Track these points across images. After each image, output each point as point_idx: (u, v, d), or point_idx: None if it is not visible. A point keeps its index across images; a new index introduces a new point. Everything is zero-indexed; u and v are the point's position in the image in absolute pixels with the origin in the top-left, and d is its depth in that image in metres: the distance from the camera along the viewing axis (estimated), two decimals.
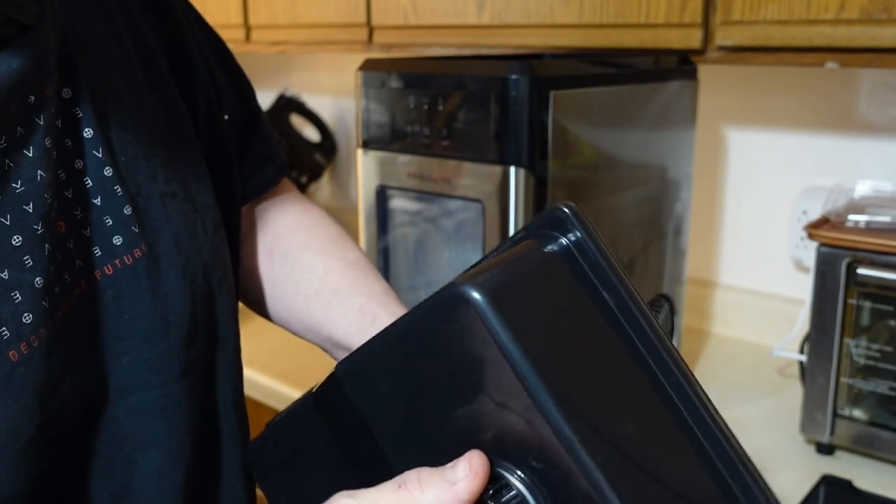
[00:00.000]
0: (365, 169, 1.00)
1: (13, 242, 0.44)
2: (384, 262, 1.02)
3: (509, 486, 0.36)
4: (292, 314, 0.69)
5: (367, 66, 0.99)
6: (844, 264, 0.94)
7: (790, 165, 1.30)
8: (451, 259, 0.96)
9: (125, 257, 0.50)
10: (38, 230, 0.45)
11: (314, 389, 0.46)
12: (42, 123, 0.46)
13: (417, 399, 0.38)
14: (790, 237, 1.28)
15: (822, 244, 0.96)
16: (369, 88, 0.98)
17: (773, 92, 1.29)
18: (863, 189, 1.10)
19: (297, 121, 1.89)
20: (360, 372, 0.41)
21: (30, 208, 0.45)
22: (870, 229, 0.95)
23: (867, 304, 0.96)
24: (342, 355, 0.65)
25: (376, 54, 1.34)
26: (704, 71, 1.12)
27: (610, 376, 0.37)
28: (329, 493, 0.39)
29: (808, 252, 1.21)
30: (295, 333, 0.70)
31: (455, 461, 0.37)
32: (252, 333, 1.56)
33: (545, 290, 0.37)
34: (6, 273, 0.44)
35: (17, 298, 0.44)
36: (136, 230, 0.51)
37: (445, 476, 0.37)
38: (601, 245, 0.38)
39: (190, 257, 0.55)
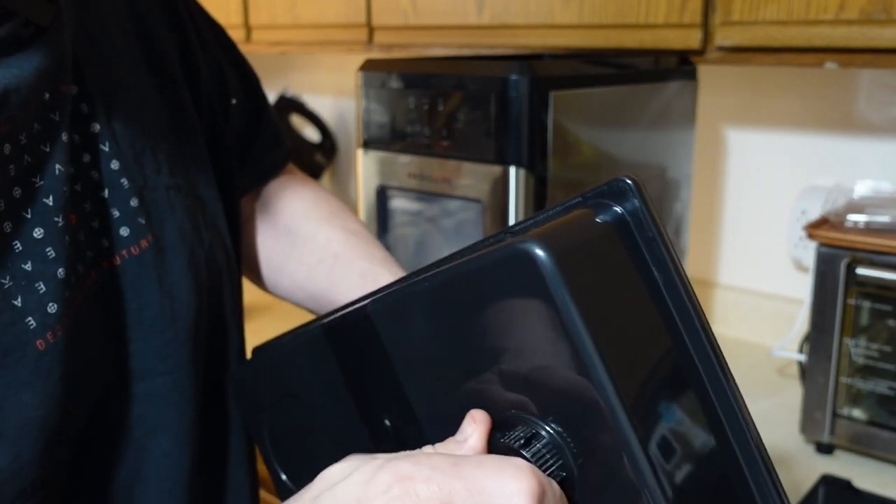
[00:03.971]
0: (365, 169, 1.00)
1: (35, 235, 0.45)
2: None
3: (539, 436, 0.36)
4: (296, 284, 0.70)
5: (368, 67, 0.99)
6: (844, 264, 0.94)
7: (790, 165, 1.30)
8: None
9: (132, 248, 0.52)
10: (58, 223, 0.46)
11: (324, 321, 0.46)
12: (57, 119, 0.47)
13: (455, 347, 0.38)
14: (790, 237, 1.28)
15: (821, 244, 0.96)
16: (369, 88, 0.98)
17: (772, 92, 1.29)
18: (862, 189, 1.10)
19: (297, 121, 1.90)
20: (396, 311, 0.41)
21: (50, 201, 0.46)
22: (869, 229, 0.95)
23: (866, 304, 0.96)
24: None
25: (376, 54, 1.34)
26: (704, 71, 1.12)
27: (653, 353, 0.37)
28: (322, 421, 0.40)
29: (808, 252, 1.21)
30: (298, 304, 0.71)
31: (462, 426, 0.38)
32: (252, 334, 1.56)
33: (600, 260, 0.37)
34: (29, 265, 0.45)
35: (42, 289, 0.45)
36: (143, 221, 0.52)
37: (456, 440, 0.38)
38: (658, 221, 0.38)
39: (193, 248, 0.56)
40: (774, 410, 1.11)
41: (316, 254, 0.68)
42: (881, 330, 0.97)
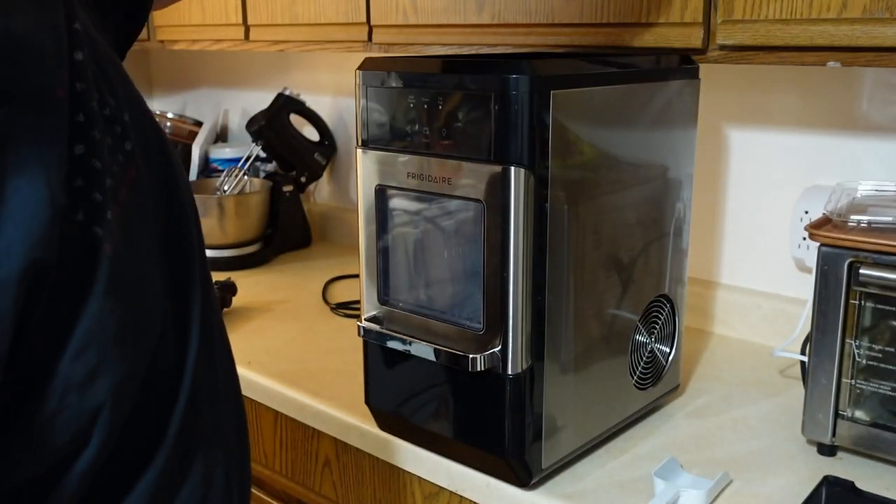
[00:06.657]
0: (364, 168, 1.00)
1: (76, 151, 0.47)
2: (384, 262, 1.01)
3: None
4: None
5: (367, 66, 0.98)
6: (846, 264, 0.94)
7: (792, 165, 1.29)
8: (451, 259, 0.96)
9: (138, 160, 0.53)
10: (95, 136, 0.48)
11: None
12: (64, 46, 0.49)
13: None
14: (792, 237, 1.27)
15: (823, 244, 0.95)
16: (369, 88, 0.97)
17: (774, 91, 1.29)
18: (865, 189, 1.09)
19: (296, 120, 1.89)
20: None
21: (81, 118, 0.47)
22: (872, 229, 0.94)
23: (869, 305, 0.95)
24: None
25: (376, 53, 1.34)
26: (706, 70, 1.12)
27: None
28: None
29: (810, 252, 1.21)
30: None
31: None
32: (252, 334, 1.56)
33: None
34: (80, 181, 0.47)
35: (99, 199, 0.48)
36: (130, 145, 0.53)
37: None
38: None
39: (175, 161, 0.59)
40: (776, 411, 1.10)
41: None
42: (884, 331, 0.96)
